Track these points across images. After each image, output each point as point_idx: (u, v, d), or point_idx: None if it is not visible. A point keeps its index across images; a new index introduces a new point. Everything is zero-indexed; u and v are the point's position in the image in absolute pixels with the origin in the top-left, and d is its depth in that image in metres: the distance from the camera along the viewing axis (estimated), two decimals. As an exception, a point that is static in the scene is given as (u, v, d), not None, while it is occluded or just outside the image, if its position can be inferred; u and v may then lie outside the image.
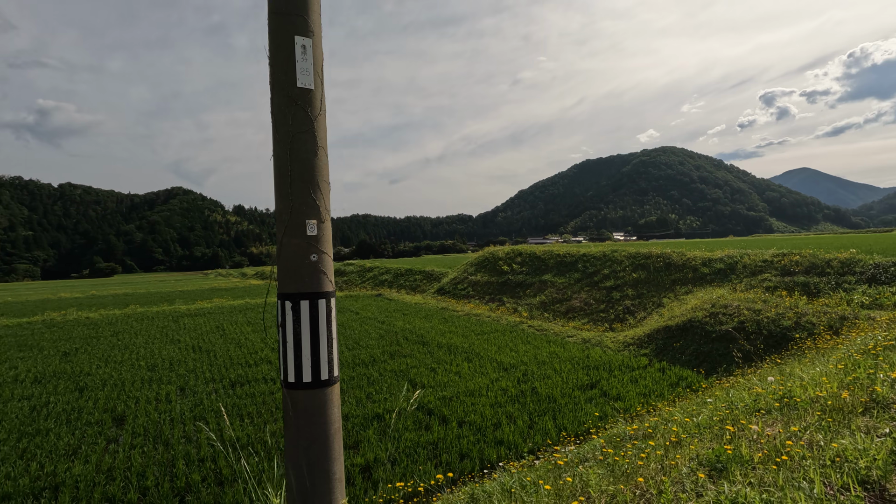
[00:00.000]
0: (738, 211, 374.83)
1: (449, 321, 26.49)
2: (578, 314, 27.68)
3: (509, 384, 14.74)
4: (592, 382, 15.07)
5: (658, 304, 24.22)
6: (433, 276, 48.37)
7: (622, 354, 18.42)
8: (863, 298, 16.56)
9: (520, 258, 38.71)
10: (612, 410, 12.53)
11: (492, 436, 11.13)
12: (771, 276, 21.04)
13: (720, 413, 5.26)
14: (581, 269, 32.23)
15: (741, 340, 16.08)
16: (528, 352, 18.87)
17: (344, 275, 69.09)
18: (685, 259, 26.39)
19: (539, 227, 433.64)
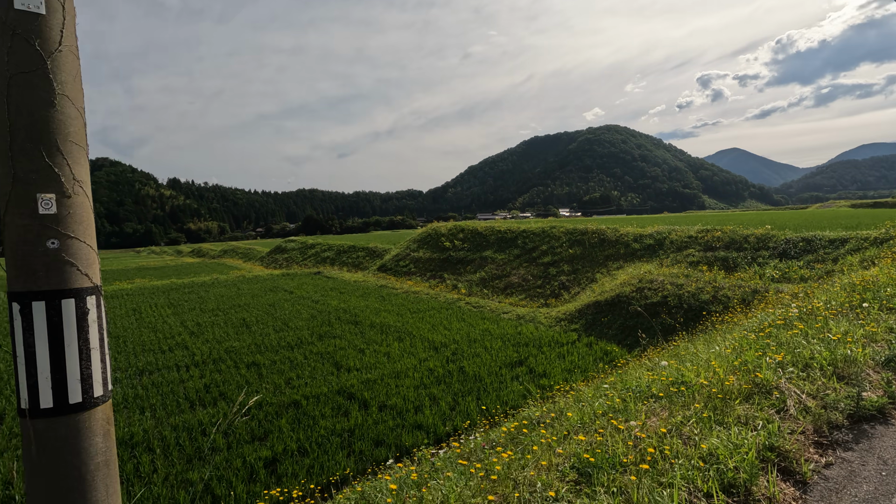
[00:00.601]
0: (675, 188, 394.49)
1: (386, 299, 25.91)
2: (516, 290, 27.89)
3: (437, 364, 14.45)
4: (521, 359, 15.06)
5: (591, 279, 24.74)
6: (376, 253, 47.40)
7: (553, 330, 18.62)
8: (773, 272, 17.46)
9: (462, 234, 38.50)
10: (535, 388, 12.51)
11: (412, 420, 10.77)
12: (695, 251, 21.88)
13: (616, 399, 5.04)
14: (521, 245, 32.43)
15: (663, 314, 16.58)
16: (462, 329, 18.68)
17: (284, 252, 66.57)
18: (618, 235, 27.03)
19: (488, 203, 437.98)
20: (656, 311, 17.05)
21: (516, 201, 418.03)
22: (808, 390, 4.06)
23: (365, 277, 36.57)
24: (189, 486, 8.23)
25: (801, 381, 4.23)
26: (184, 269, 57.61)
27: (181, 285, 33.69)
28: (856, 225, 22.30)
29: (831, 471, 3.11)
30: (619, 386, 5.22)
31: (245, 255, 79.69)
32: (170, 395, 12.66)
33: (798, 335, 5.29)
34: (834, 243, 17.78)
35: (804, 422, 3.64)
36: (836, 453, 3.31)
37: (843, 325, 5.65)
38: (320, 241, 64.65)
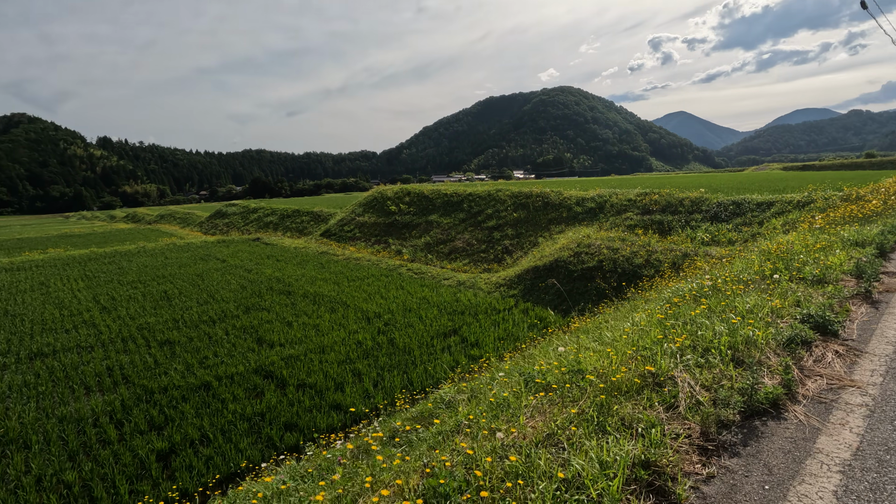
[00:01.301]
0: (625, 151, 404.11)
1: (325, 267, 24.86)
2: (461, 255, 27.51)
3: (368, 336, 13.83)
4: (455, 328, 14.70)
5: (534, 243, 24.63)
6: (321, 218, 45.65)
7: (492, 296, 18.38)
8: (704, 235, 17.78)
9: (408, 198, 37.45)
10: (465, 359, 12.18)
11: (331, 399, 10.17)
12: (633, 214, 22.04)
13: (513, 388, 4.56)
14: (466, 209, 31.87)
15: (598, 279, 16.60)
16: (399, 298, 18.09)
17: (225, 217, 63.13)
18: (562, 199, 26.92)
19: (443, 165, 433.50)
20: (592, 275, 17.06)
21: (471, 163, 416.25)
22: (704, 380, 3.69)
23: (307, 244, 35.10)
24: (65, 489, 7.33)
25: (699, 368, 3.86)
26: (112, 236, 53.59)
27: (101, 255, 31.07)
28: (783, 188, 23.09)
29: (711, 486, 2.70)
30: (516, 374, 4.75)
31: (183, 221, 75.15)
32: (63, 380, 11.43)
33: (702, 315, 4.95)
34: (761, 206, 18.24)
35: (692, 421, 3.25)
36: (720, 461, 2.93)
37: (751, 299, 5.38)
38: (263, 206, 61.63)
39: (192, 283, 21.67)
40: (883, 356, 4.17)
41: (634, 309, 8.27)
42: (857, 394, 3.58)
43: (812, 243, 8.49)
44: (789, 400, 3.51)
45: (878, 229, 8.86)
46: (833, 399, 3.52)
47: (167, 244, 35.46)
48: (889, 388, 3.59)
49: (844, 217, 11.22)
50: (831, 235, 8.74)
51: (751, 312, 5.04)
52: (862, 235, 8.45)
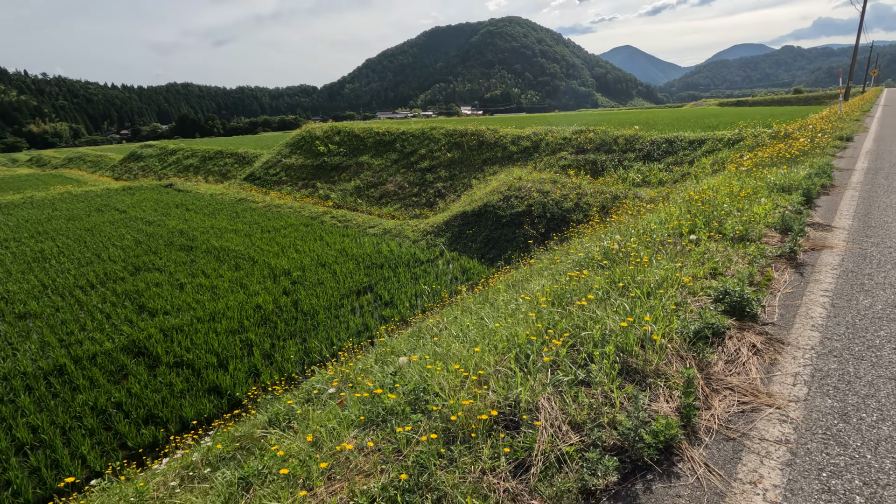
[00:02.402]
0: (572, 86, 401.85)
1: (240, 216, 22.56)
2: (392, 199, 25.86)
3: (269, 299, 12.32)
4: (371, 284, 13.45)
5: (468, 185, 23.33)
6: (246, 160, 41.89)
7: (418, 245, 17.17)
8: (636, 176, 17.09)
9: (338, 137, 34.64)
10: (374, 322, 11.04)
11: (210, 380, 8.79)
12: (568, 153, 21.04)
13: (321, 429, 3.38)
14: (399, 148, 29.78)
15: (526, 225, 15.67)
16: (315, 250, 16.50)
17: (140, 159, 57.08)
18: (497, 137, 25.44)
19: (389, 101, 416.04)
20: (521, 220, 16.10)
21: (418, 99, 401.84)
22: (576, 415, 2.63)
23: (226, 189, 32.04)
24: None
25: (576, 389, 2.80)
26: (4, 184, 47.24)
27: (-24, 208, 26.83)
28: (716, 125, 22.69)
29: None
30: (351, 400, 3.56)
31: (94, 165, 67.56)
32: None
33: (597, 300, 3.86)
34: (693, 144, 17.65)
35: (544, 496, 2.19)
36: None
37: (661, 269, 4.38)
38: (183, 147, 56.02)
39: (78, 239, 18.93)
40: (808, 349, 3.28)
41: (536, 274, 7.25)
42: (776, 419, 2.65)
43: (737, 190, 7.66)
44: (686, 440, 2.52)
45: (805, 172, 8.17)
46: (745, 431, 2.57)
47: (60, 193, 31.28)
48: (815, 409, 2.68)
49: (772, 157, 10.58)
50: (757, 180, 7.95)
51: (659, 287, 4.04)
52: (788, 179, 7.72)
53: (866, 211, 6.62)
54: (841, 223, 6.15)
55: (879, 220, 6.14)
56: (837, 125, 16.44)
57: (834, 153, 11.94)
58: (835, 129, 15.18)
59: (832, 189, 7.97)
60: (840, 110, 21.96)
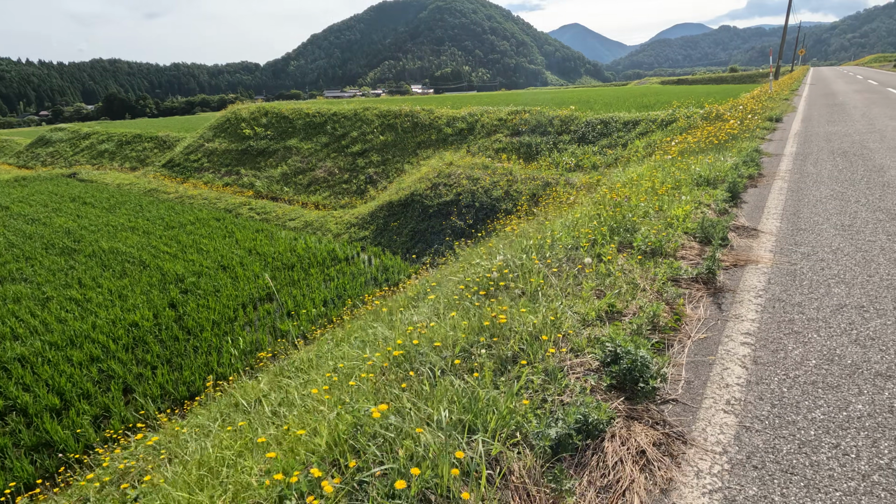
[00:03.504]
0: (522, 64, 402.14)
1: (144, 211, 20.12)
2: (321, 186, 23.99)
3: (150, 313, 10.56)
4: (277, 289, 11.91)
5: (401, 170, 21.84)
6: (167, 144, 38.33)
7: (340, 240, 15.67)
8: (569, 160, 16.21)
9: (266, 119, 31.99)
10: (268, 339, 9.59)
11: (43, 429, 7.13)
12: (503, 136, 19.92)
13: None
14: (330, 131, 27.72)
15: (454, 216, 14.49)
16: (222, 249, 14.67)
17: (49, 144, 51.47)
18: (432, 118, 23.96)
19: (336, 79, 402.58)
20: (449, 210, 14.90)
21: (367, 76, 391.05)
22: None
23: (138, 178, 28.98)
24: None
25: None
26: None
27: None
28: (653, 104, 22.19)
29: None
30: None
31: (-3, 151, 60.64)
32: None
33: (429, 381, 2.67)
34: (627, 126, 16.92)
35: None
36: None
37: (539, 314, 3.26)
38: (98, 130, 50.91)
39: (-65, 244, 16.12)
40: (718, 454, 2.23)
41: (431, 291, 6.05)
42: None
43: (659, 184, 6.73)
44: None
45: (732, 161, 7.35)
46: None
47: (-65, 187, 27.26)
48: None
49: (701, 142, 9.81)
50: (682, 172, 7.05)
51: (535, 340, 2.92)
52: (714, 170, 6.86)
53: (795, 208, 5.81)
54: (768, 225, 5.28)
55: (809, 221, 5.31)
56: (767, 105, 16.14)
57: (763, 135, 11.39)
58: (764, 110, 14.80)
59: (760, 180, 7.20)
60: (770, 89, 21.96)
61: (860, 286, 3.70)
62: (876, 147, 9.03)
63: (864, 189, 6.36)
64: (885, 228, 4.89)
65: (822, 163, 8.10)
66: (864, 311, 3.33)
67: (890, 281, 3.74)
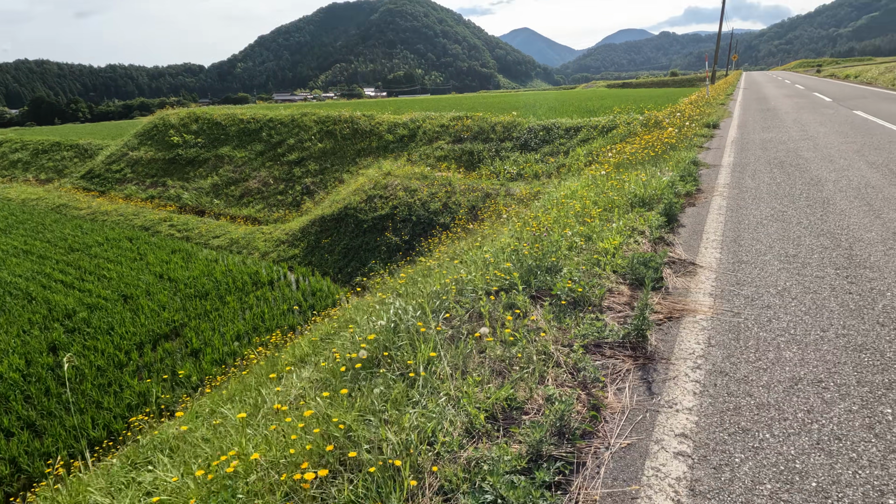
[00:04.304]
0: (474, 67, 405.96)
1: (46, 230, 17.92)
2: (255, 198, 22.36)
3: (21, 362, 8.94)
4: (183, 322, 10.50)
5: (339, 179, 20.61)
6: (88, 153, 35.27)
7: (266, 260, 14.32)
8: (511, 168, 15.58)
9: (196, 125, 29.85)
10: (159, 390, 8.25)
11: None
12: (445, 143, 19.10)
13: None
14: (265, 138, 26.06)
15: (389, 231, 13.49)
16: (128, 276, 13.01)
17: (-47, 155, 46.42)
18: (373, 124, 22.85)
19: (287, 81, 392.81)
20: (384, 225, 13.88)
21: (318, 79, 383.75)
22: None
23: (48, 192, 26.25)
24: None
25: None
26: None
27: None
28: (597, 108, 22.04)
29: None
30: None
31: None
32: None
33: None
34: (569, 132, 16.49)
35: None
36: None
37: (436, 399, 2.37)
38: (12, 137, 46.42)
39: None
40: None
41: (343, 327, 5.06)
42: None
43: (591, 203, 6.02)
44: None
45: (669, 178, 6.77)
46: None
47: None
48: None
49: (638, 153, 9.29)
50: (615, 192, 6.37)
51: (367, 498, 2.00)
52: (650, 188, 6.23)
53: (736, 232, 5.21)
54: (707, 257, 4.61)
55: (751, 250, 4.68)
56: (705, 111, 16.12)
57: (701, 143, 11.07)
58: (702, 115, 14.70)
59: (698, 197, 6.64)
60: (707, 94, 22.28)
61: (814, 347, 3.00)
62: (811, 157, 8.78)
63: (804, 207, 5.88)
64: (832, 259, 4.30)
65: (760, 175, 7.68)
66: (824, 390, 2.60)
67: (847, 337, 3.06)
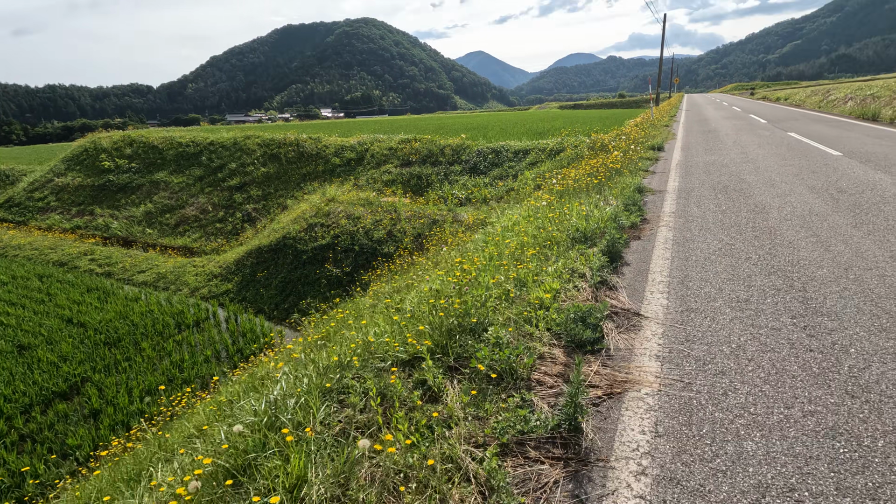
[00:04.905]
0: (431, 89, 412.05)
1: (-57, 269, 15.88)
2: (191, 227, 20.89)
3: None
4: (84, 378, 9.17)
5: (283, 206, 19.53)
6: (10, 180, 32.49)
7: (196, 297, 13.07)
8: (460, 192, 15.08)
9: (131, 149, 28.01)
10: (42, 469, 6.98)
11: None
12: (392, 167, 18.47)
13: None
14: (206, 163, 24.65)
15: (329, 263, 12.60)
16: (29, 321, 11.46)
17: None
18: (319, 147, 21.98)
19: (241, 102, 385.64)
20: (325, 256, 12.98)
21: (273, 100, 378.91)
22: None
23: (-44, 224, 23.71)
24: None
25: None
26: None
27: None
28: (547, 130, 22.05)
29: None
30: None
31: None
32: None
33: None
34: (518, 155, 16.23)
35: None
36: None
37: None
38: (-76, 163, 42.32)
39: None
40: None
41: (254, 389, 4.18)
42: None
43: (531, 239, 5.46)
44: None
45: (612, 209, 6.32)
46: None
47: None
48: None
49: (581, 181, 8.92)
50: (556, 225, 5.85)
51: None
52: (592, 221, 5.75)
53: (683, 272, 4.73)
54: (653, 305, 4.08)
55: (700, 294, 4.18)
56: (650, 133, 16.26)
57: (647, 167, 10.90)
58: (647, 138, 14.75)
59: (644, 228, 6.22)
60: (652, 115, 22.78)
61: (779, 433, 2.42)
62: (753, 181, 8.65)
63: (751, 239, 5.52)
64: (787, 304, 3.84)
65: (706, 202, 7.40)
66: (798, 506, 2.02)
67: (815, 416, 2.50)
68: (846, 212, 6.30)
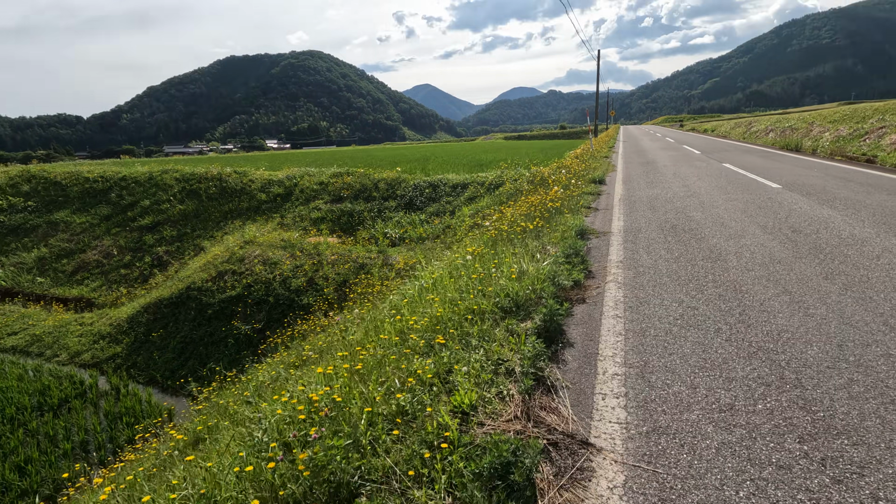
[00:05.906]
0: (379, 120, 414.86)
1: None
2: (92, 273, 18.28)
3: None
4: None
5: (199, 248, 17.45)
6: None
7: (73, 365, 10.82)
8: (394, 231, 13.79)
9: (28, 186, 24.87)
10: None
11: None
12: (322, 203, 16.97)
13: None
14: (115, 200, 22.10)
15: (236, 319, 10.83)
16: None
17: None
18: (244, 182, 20.15)
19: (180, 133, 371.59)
20: (234, 310, 11.18)
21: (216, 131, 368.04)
22: None
23: None
24: None
25: None
26: None
27: None
28: (489, 161, 21.36)
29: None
30: None
31: None
32: None
33: None
34: (456, 189, 15.22)
35: None
36: None
37: None
38: None
39: None
40: None
41: None
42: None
43: (447, 311, 4.20)
44: None
45: (551, 262, 5.22)
46: None
47: None
48: None
49: (519, 221, 7.87)
50: (482, 286, 4.65)
51: None
52: (526, 282, 4.61)
53: (642, 358, 3.58)
54: (606, 424, 2.86)
55: (668, 399, 3.01)
56: (590, 164, 15.79)
57: (589, 203, 10.09)
58: (588, 170, 14.20)
59: (589, 286, 5.13)
60: (592, 147, 22.71)
61: None
62: (701, 219, 7.91)
63: (715, 299, 4.51)
64: (787, 416, 2.72)
65: (656, 247, 6.47)
66: None
67: None
68: (809, 257, 5.49)
